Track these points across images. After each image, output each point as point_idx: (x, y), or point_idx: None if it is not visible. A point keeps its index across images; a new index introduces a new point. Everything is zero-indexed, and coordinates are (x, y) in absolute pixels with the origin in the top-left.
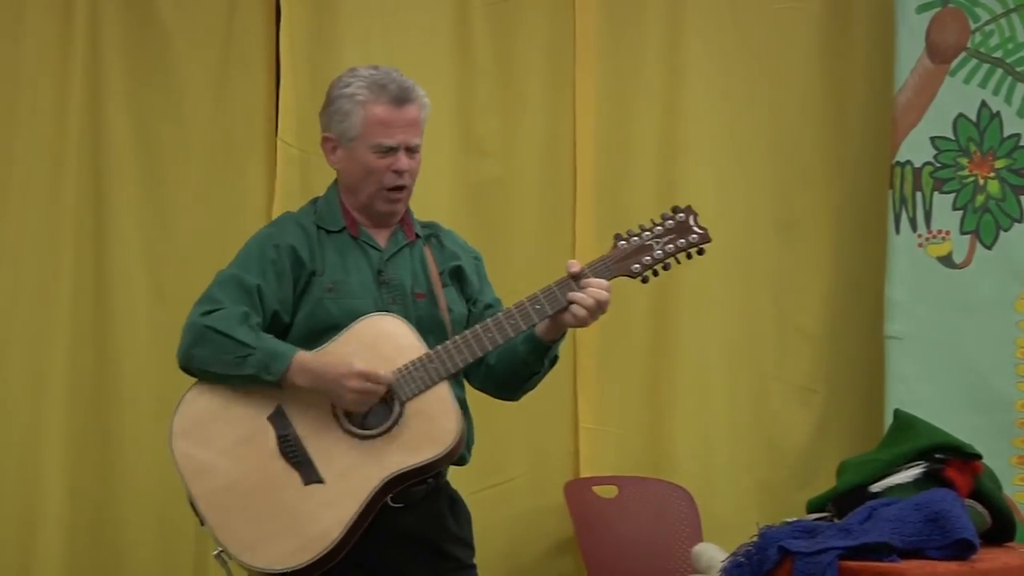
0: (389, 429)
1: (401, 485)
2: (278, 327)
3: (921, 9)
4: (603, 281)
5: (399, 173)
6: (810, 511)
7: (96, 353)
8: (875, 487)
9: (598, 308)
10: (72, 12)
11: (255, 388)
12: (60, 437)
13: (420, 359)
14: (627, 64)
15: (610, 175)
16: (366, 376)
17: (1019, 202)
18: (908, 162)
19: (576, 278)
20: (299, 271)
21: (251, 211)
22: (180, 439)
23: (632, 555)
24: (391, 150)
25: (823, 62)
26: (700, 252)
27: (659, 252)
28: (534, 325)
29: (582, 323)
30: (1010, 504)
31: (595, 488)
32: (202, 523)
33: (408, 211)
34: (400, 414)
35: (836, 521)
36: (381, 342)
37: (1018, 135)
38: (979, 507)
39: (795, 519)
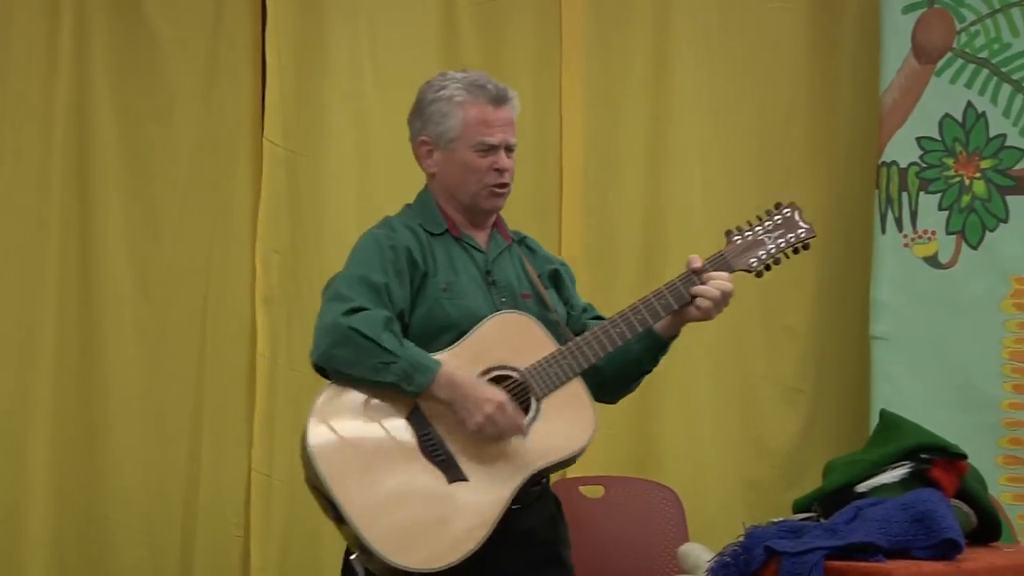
0: (528, 425)
1: (534, 484)
2: (400, 327)
3: (907, 10)
4: (725, 273)
5: (501, 171)
6: (796, 511)
7: (82, 352)
8: (861, 487)
9: (723, 300)
10: (59, 13)
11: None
12: (46, 436)
13: (553, 355)
14: (614, 65)
15: (597, 176)
16: (505, 409)
17: (1005, 202)
18: (894, 162)
19: (698, 273)
20: (414, 272)
21: (238, 211)
22: (318, 440)
23: (618, 555)
24: (492, 148)
25: (810, 62)
26: (806, 247)
27: (772, 247)
28: (660, 319)
29: (707, 315)
30: (996, 504)
31: (581, 488)
32: (338, 522)
33: (500, 218)
34: (537, 411)
35: (822, 521)
36: (514, 339)
37: (1004, 135)
38: (965, 507)
39: (781, 519)
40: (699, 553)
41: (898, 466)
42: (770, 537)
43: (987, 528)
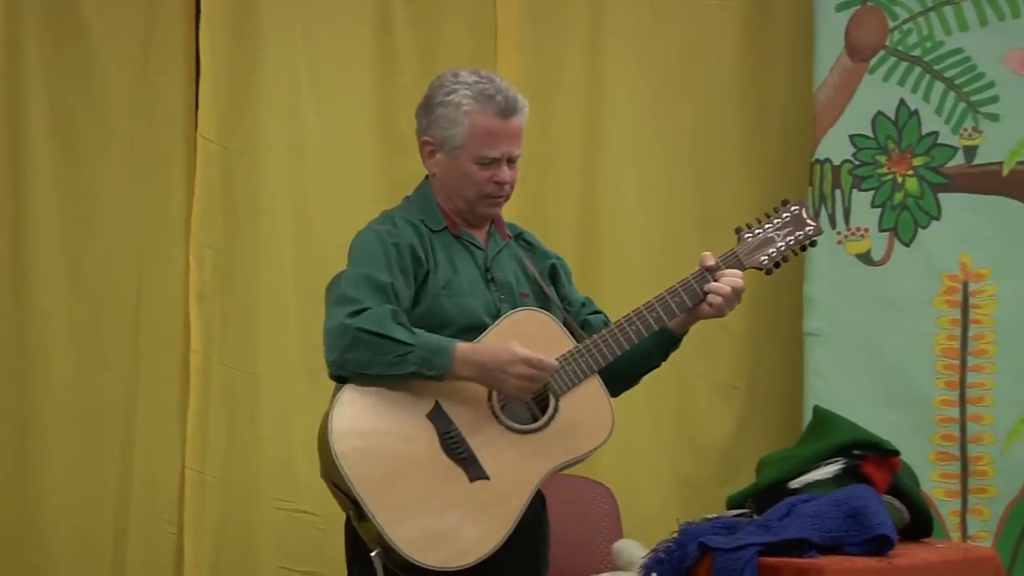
0: (548, 423)
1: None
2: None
3: (840, 7)
4: (737, 271)
5: (500, 184)
6: (730, 507)
7: (14, 347)
8: (794, 483)
9: (735, 296)
10: None
11: (414, 385)
12: None
13: (571, 352)
14: (549, 61)
15: (532, 171)
16: (530, 362)
17: (937, 200)
18: (827, 160)
19: (711, 270)
20: (417, 268)
21: (172, 207)
22: (341, 442)
23: (553, 552)
24: (494, 161)
25: (744, 59)
26: (813, 244)
27: (781, 244)
28: (675, 317)
29: (719, 312)
30: (927, 500)
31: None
32: (359, 519)
33: (498, 216)
34: (556, 408)
35: (756, 517)
36: (532, 336)
37: (936, 133)
38: (897, 503)
39: (715, 515)
40: (633, 550)
41: (831, 462)
42: (704, 533)
43: (919, 524)
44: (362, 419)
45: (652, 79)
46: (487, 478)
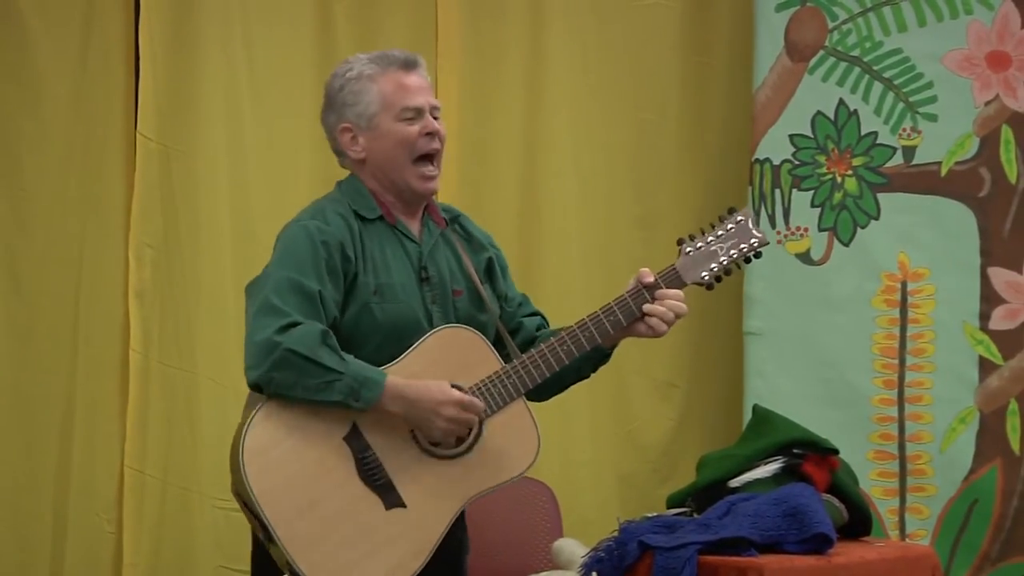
0: (470, 448)
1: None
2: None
3: (780, 8)
4: (679, 292)
5: (432, 135)
6: (670, 506)
7: None
8: (734, 482)
9: (676, 319)
10: None
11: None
12: None
13: (497, 374)
14: (490, 59)
15: (471, 171)
16: (462, 404)
17: (876, 200)
18: (767, 159)
19: (649, 289)
20: (346, 267)
21: (110, 204)
22: (253, 463)
23: (493, 551)
24: (418, 112)
25: (684, 59)
26: (758, 255)
27: (724, 259)
28: (608, 337)
29: (656, 334)
30: (866, 499)
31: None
32: (268, 542)
33: (431, 198)
34: (480, 432)
35: (696, 516)
36: (458, 355)
37: (875, 133)
38: (836, 502)
39: (655, 514)
40: (573, 548)
41: (770, 461)
42: (644, 532)
43: (858, 522)
44: (277, 440)
45: (592, 78)
46: (404, 506)
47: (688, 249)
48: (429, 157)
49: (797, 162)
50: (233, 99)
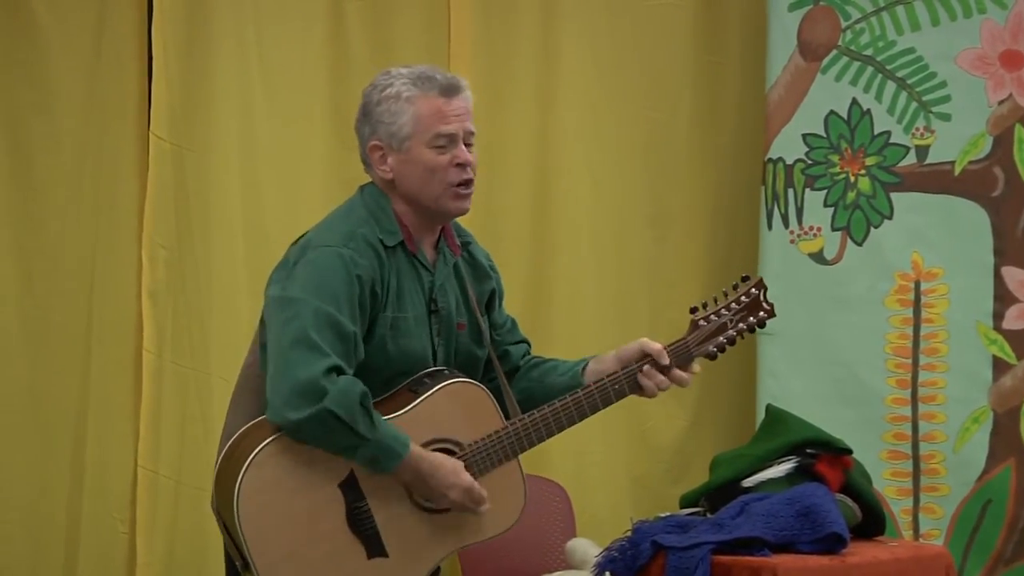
0: None
1: None
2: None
3: (793, 7)
4: (688, 376)
5: (463, 166)
6: (683, 506)
7: None
8: (747, 482)
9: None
10: None
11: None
12: None
13: (498, 434)
14: (502, 59)
15: (485, 171)
16: (471, 494)
17: (889, 199)
18: (780, 159)
19: (664, 369)
20: (373, 304)
21: (123, 205)
22: (249, 502)
23: (506, 551)
24: (451, 140)
25: (697, 58)
26: (762, 327)
27: (732, 332)
28: (611, 404)
29: (651, 396)
30: (879, 498)
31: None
32: (244, 570)
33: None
34: None
35: (709, 516)
36: (464, 410)
37: (888, 132)
38: (849, 501)
39: (668, 514)
40: (587, 548)
41: (784, 461)
42: (657, 532)
43: (871, 522)
44: (276, 482)
45: (605, 77)
46: (386, 556)
47: (701, 322)
48: (461, 184)
49: (810, 161)
50: (246, 99)
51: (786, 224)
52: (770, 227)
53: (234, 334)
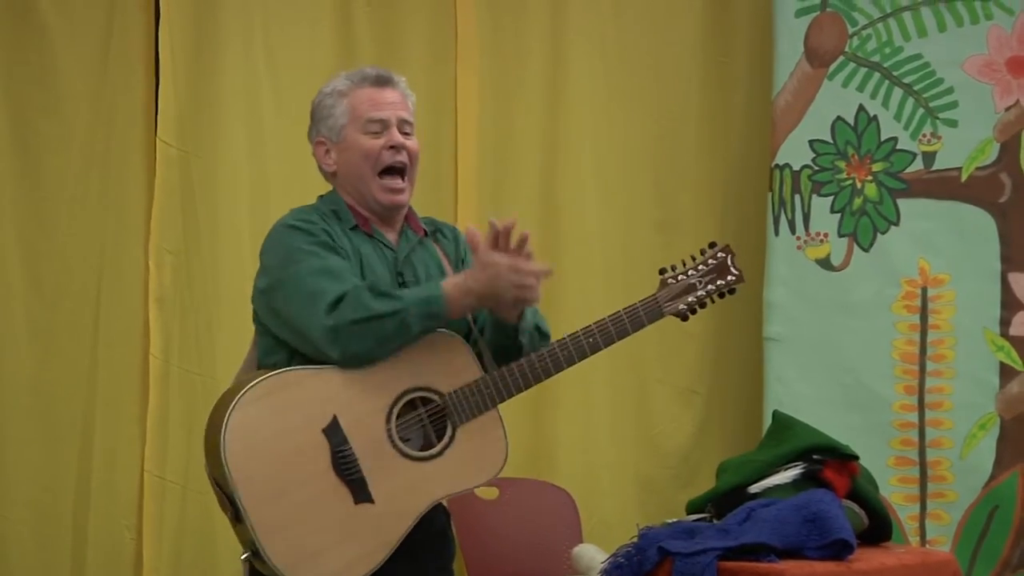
0: (442, 452)
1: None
2: None
3: (800, 13)
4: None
5: (396, 148)
6: (690, 512)
7: None
8: (754, 488)
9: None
10: None
11: (316, 393)
12: None
13: (476, 383)
14: (509, 62)
15: (492, 172)
16: (515, 268)
17: (896, 205)
18: (787, 165)
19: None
20: (340, 252)
21: (130, 209)
22: (232, 447)
23: (513, 557)
24: (383, 125)
25: (703, 64)
26: (732, 292)
27: (701, 292)
28: (586, 357)
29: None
30: (886, 505)
31: (476, 490)
32: (235, 521)
33: (411, 210)
34: (452, 437)
35: (715, 522)
36: (440, 358)
37: (895, 139)
38: (856, 508)
39: (675, 520)
40: (593, 554)
41: (791, 467)
42: (664, 538)
43: (878, 528)
44: (254, 430)
45: (612, 81)
46: (372, 502)
47: (669, 280)
48: (395, 170)
49: (817, 167)
50: (253, 104)
51: (793, 230)
52: (777, 233)
53: (241, 339)
